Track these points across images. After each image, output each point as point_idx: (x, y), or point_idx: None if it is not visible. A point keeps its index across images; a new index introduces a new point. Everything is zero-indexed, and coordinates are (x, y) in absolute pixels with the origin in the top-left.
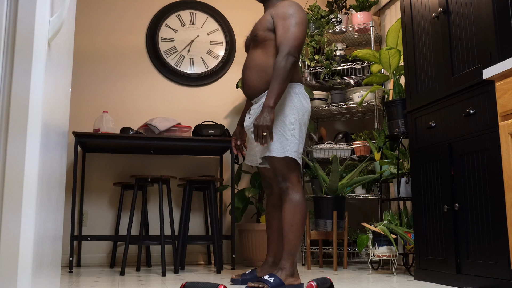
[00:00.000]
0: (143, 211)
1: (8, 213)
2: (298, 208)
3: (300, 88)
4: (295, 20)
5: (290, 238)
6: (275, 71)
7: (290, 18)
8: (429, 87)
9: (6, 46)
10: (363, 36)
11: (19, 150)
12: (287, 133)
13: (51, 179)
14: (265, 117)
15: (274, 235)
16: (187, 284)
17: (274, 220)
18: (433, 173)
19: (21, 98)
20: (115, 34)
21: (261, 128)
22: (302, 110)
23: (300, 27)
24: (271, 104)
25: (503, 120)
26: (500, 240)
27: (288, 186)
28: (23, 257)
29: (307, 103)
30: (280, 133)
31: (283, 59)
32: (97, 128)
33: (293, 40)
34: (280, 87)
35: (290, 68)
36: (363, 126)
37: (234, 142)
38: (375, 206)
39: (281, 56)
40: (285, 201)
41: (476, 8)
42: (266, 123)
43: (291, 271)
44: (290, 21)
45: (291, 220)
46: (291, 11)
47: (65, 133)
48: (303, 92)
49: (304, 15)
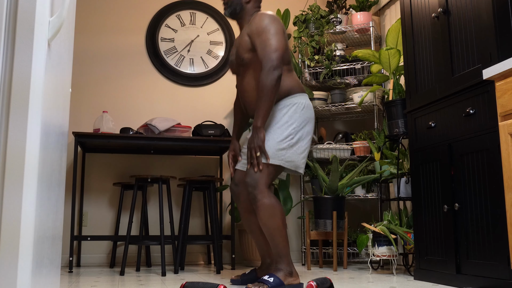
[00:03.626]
0: (143, 211)
1: (8, 213)
2: (272, 211)
3: (301, 98)
4: (271, 32)
5: (275, 243)
6: (260, 90)
7: (265, 32)
8: (429, 87)
9: (6, 45)
10: (363, 36)
11: (19, 150)
12: (284, 143)
13: (51, 179)
14: (256, 138)
15: (259, 238)
16: (187, 284)
17: (253, 226)
18: (433, 173)
19: (21, 98)
20: (115, 34)
21: (254, 150)
22: (304, 121)
23: (277, 37)
24: (258, 124)
25: (503, 120)
26: (500, 240)
27: (256, 193)
28: (23, 257)
29: (309, 113)
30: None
31: (265, 75)
32: (97, 128)
33: (272, 53)
34: (267, 105)
35: (275, 83)
36: (363, 126)
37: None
38: (375, 206)
39: (263, 73)
40: (256, 209)
41: (476, 8)
42: (258, 144)
43: (288, 270)
44: (266, 35)
45: (270, 225)
46: (264, 24)
47: (65, 133)
48: (303, 102)
49: (279, 24)
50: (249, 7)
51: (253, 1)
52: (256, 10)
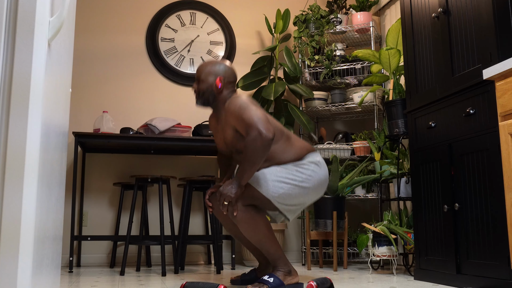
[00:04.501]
0: (143, 211)
1: (8, 213)
2: (253, 223)
3: (314, 157)
4: (243, 109)
5: (266, 250)
6: (245, 153)
7: (239, 113)
8: (429, 87)
9: (6, 46)
10: (363, 36)
11: (19, 150)
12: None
13: (51, 179)
14: (232, 188)
15: (248, 244)
16: (187, 284)
17: (238, 233)
18: (433, 173)
19: (22, 98)
20: (115, 34)
21: (223, 197)
22: (317, 180)
23: (249, 108)
24: (241, 182)
25: (503, 120)
26: (500, 240)
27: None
28: (23, 257)
29: (323, 172)
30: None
31: (251, 140)
32: (97, 128)
33: (254, 123)
34: (250, 168)
35: (262, 148)
36: (363, 126)
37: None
38: (375, 206)
39: (250, 138)
40: (238, 224)
41: (476, 8)
42: (230, 194)
43: (286, 270)
44: (242, 116)
45: (255, 237)
46: (237, 106)
47: (65, 133)
48: (317, 160)
49: (245, 98)
50: (222, 95)
51: (225, 89)
52: (231, 94)
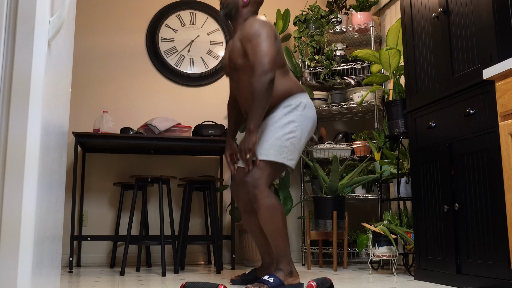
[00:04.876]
0: (143, 211)
1: (8, 212)
2: (273, 212)
3: (301, 98)
4: (261, 37)
5: (276, 243)
6: (253, 94)
7: (255, 37)
8: (429, 87)
9: (6, 46)
10: (363, 36)
11: (20, 150)
12: (286, 141)
13: (51, 179)
14: (247, 141)
15: (259, 238)
16: (187, 284)
17: (253, 226)
18: (433, 173)
19: (22, 98)
20: (115, 34)
21: (244, 152)
22: (306, 119)
23: (268, 41)
24: (251, 127)
25: (503, 120)
26: (500, 240)
27: (256, 192)
28: (23, 257)
29: (310, 112)
30: (277, 138)
31: (257, 79)
32: (97, 128)
33: (263, 57)
34: (260, 109)
35: (267, 87)
36: (363, 126)
37: (229, 158)
38: (375, 206)
39: (255, 78)
40: (257, 209)
41: (476, 8)
42: (249, 146)
43: (288, 270)
44: (256, 40)
45: (271, 226)
46: (254, 29)
47: (65, 133)
48: (304, 102)
49: (269, 28)
50: (244, 11)
51: (250, 5)
52: (251, 15)
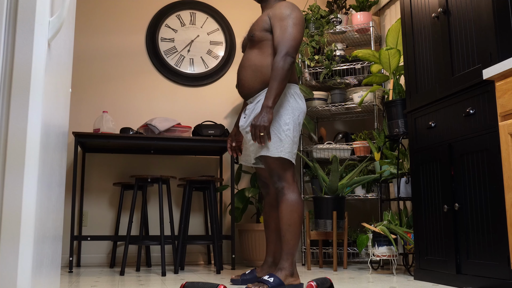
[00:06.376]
0: (143, 211)
1: (8, 212)
2: (294, 208)
3: (295, 88)
4: (293, 21)
5: (288, 238)
6: (274, 72)
7: (287, 19)
8: (429, 87)
9: (6, 46)
10: (363, 36)
11: (20, 150)
12: (281, 134)
13: (51, 179)
14: (263, 117)
15: (272, 235)
16: (187, 284)
17: (272, 220)
18: (433, 173)
19: (21, 98)
20: (115, 34)
21: (258, 128)
22: (297, 110)
23: (298, 27)
24: (269, 104)
25: (503, 120)
26: (500, 240)
27: (284, 186)
28: (23, 257)
29: (302, 104)
30: (274, 133)
31: (281, 59)
32: (97, 128)
33: (291, 41)
34: (279, 87)
35: (288, 68)
36: (363, 126)
37: (230, 143)
38: (375, 206)
39: (279, 57)
40: (281, 201)
41: (476, 8)
42: (264, 123)
43: (290, 270)
44: (287, 22)
45: (288, 220)
46: (288, 11)
47: (65, 133)
48: (298, 93)
49: (301, 16)
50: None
51: None
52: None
